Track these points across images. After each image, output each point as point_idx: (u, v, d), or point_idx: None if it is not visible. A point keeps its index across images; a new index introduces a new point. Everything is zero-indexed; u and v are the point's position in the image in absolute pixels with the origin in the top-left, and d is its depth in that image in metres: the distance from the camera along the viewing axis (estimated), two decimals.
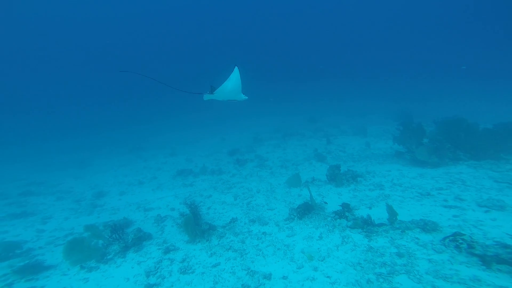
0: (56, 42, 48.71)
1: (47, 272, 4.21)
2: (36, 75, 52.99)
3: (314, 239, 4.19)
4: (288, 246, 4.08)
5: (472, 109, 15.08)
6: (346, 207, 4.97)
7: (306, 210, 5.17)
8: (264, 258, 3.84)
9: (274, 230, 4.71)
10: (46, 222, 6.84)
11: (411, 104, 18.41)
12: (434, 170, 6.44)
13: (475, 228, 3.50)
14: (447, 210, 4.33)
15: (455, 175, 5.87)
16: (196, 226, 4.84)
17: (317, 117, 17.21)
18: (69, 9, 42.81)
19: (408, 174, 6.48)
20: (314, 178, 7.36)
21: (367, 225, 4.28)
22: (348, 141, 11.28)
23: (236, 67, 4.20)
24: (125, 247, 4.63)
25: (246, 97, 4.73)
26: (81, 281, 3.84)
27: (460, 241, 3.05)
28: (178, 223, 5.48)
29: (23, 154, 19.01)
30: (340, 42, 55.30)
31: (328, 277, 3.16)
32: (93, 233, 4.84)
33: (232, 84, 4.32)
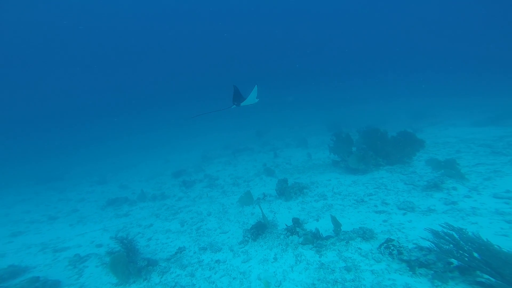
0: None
1: None
2: None
3: (269, 261, 4.14)
4: (244, 274, 3.91)
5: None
6: (296, 222, 5.15)
7: (259, 230, 5.12)
8: None
9: (229, 257, 4.47)
10: None
11: (340, 110, 21.17)
12: (364, 176, 7.42)
13: (399, 232, 4.11)
14: (378, 216, 4.98)
15: (379, 180, 6.88)
16: (130, 263, 4.13)
17: (263, 131, 17.84)
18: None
19: (345, 182, 7.26)
20: (265, 194, 7.45)
21: (316, 239, 4.50)
22: (292, 153, 12.02)
23: (256, 85, 6.00)
24: None
25: (258, 100, 6.55)
26: None
27: (392, 247, 3.50)
28: (106, 262, 4.62)
29: None
30: (275, 53, 59.08)
31: None
32: None
33: (253, 97, 6.21)
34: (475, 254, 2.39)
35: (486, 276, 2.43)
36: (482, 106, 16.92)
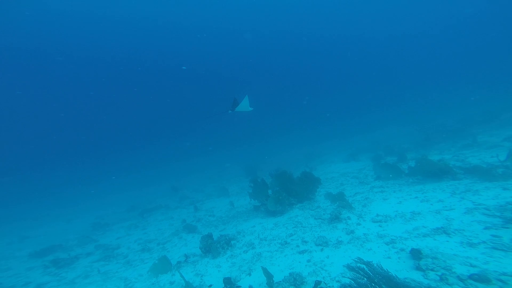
0: None
1: None
2: None
3: None
4: None
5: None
6: (228, 282, 4.73)
7: None
8: None
9: None
10: None
11: (252, 154, 23.03)
12: (282, 217, 8.01)
13: (323, 271, 4.54)
14: (302, 256, 5.35)
15: (295, 219, 7.61)
16: None
17: (179, 185, 16.51)
18: None
19: (268, 226, 7.54)
20: (187, 255, 6.56)
21: None
22: (215, 204, 11.57)
23: (246, 95, 7.15)
24: None
25: (251, 109, 7.53)
26: None
27: None
28: None
29: None
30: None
31: None
32: None
33: (244, 104, 7.26)
34: (384, 286, 2.98)
35: None
36: (344, 145, 23.15)
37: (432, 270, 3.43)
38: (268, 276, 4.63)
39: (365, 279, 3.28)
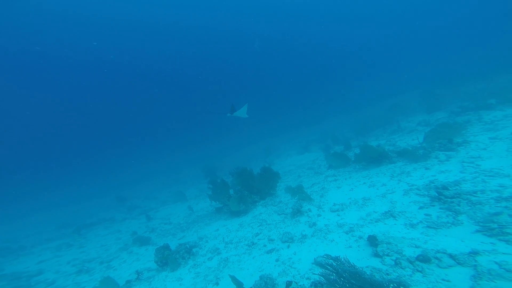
0: None
1: None
2: None
3: None
4: None
5: None
6: None
7: None
8: None
9: None
10: None
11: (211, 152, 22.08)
12: (246, 216, 7.83)
13: (292, 269, 4.54)
14: (270, 256, 5.28)
15: (259, 217, 7.54)
16: None
17: (126, 195, 14.58)
18: None
19: (232, 228, 7.27)
20: (139, 271, 5.81)
21: None
22: (171, 210, 10.59)
23: (246, 104, 8.30)
24: None
25: (247, 116, 8.46)
26: None
27: None
28: None
29: None
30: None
31: None
32: None
33: (242, 111, 8.40)
34: (353, 280, 3.08)
35: None
36: (297, 137, 24.42)
37: (387, 255, 3.76)
38: (238, 284, 4.40)
39: (334, 274, 3.35)
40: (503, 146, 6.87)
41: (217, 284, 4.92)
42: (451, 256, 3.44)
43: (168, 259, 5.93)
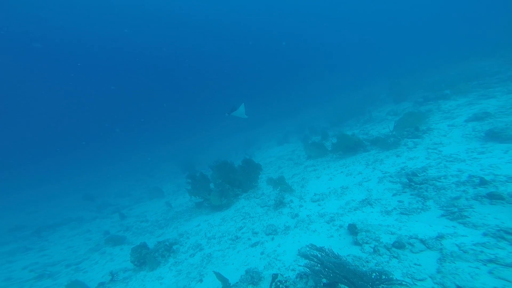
0: None
1: None
2: None
3: None
4: None
5: None
6: None
7: None
8: None
9: None
10: None
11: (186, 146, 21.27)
12: (229, 210, 7.72)
13: (277, 261, 4.57)
14: (255, 249, 5.27)
15: (242, 210, 7.48)
16: None
17: (96, 193, 13.47)
18: None
19: (214, 222, 7.12)
20: (114, 273, 5.48)
21: None
22: (147, 207, 10.03)
23: (243, 103, 8.21)
24: None
25: (247, 117, 8.51)
26: None
27: (280, 285, 3.76)
28: None
29: None
30: None
31: None
32: None
33: (241, 111, 8.40)
34: (337, 271, 3.16)
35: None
36: (276, 128, 24.58)
37: (366, 243, 3.93)
38: (223, 280, 4.32)
39: (319, 265, 3.41)
40: (459, 132, 7.55)
41: (201, 281, 4.80)
42: (421, 241, 3.70)
43: (146, 258, 5.64)
